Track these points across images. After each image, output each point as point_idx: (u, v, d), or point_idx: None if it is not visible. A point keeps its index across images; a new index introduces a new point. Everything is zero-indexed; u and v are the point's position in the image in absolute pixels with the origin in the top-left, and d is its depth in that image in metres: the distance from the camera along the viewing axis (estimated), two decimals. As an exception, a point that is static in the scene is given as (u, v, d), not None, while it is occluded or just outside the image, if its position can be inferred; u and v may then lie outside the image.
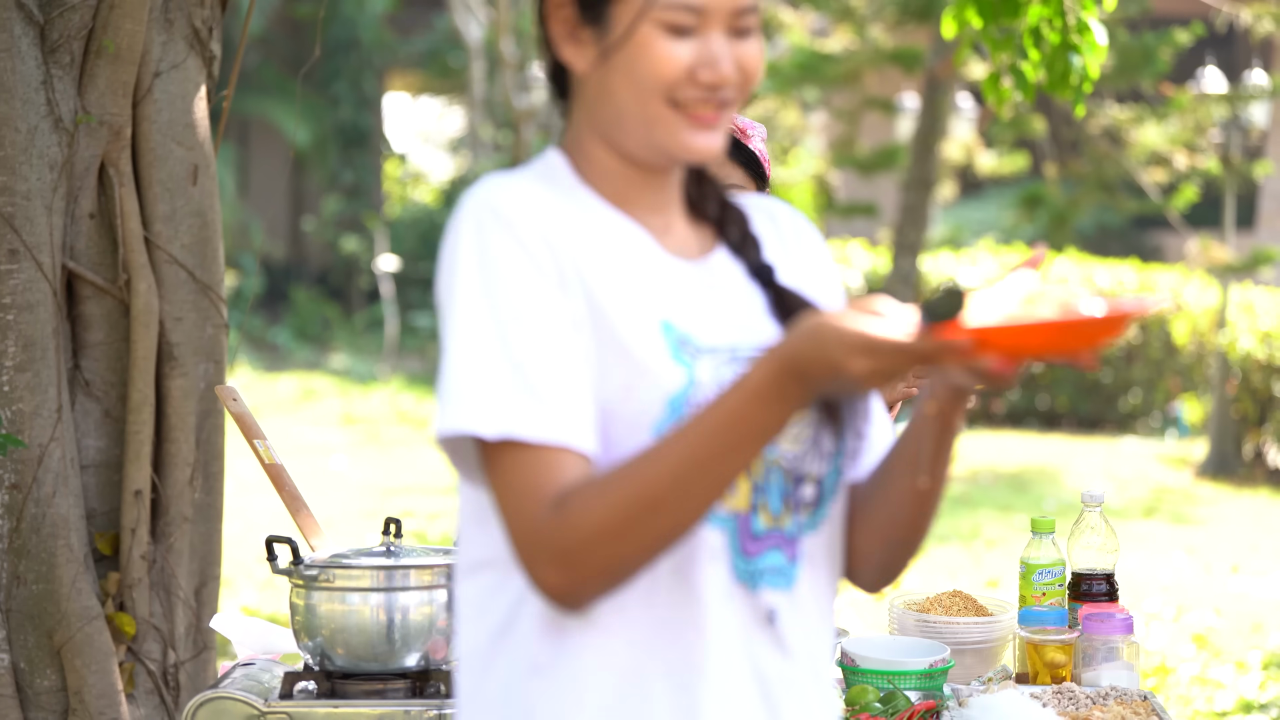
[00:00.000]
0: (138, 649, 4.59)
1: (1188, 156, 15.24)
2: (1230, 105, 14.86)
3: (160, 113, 4.56)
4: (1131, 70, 14.58)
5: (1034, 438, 16.47)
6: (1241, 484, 13.83)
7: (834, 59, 16.15)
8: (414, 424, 16.67)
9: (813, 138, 24.66)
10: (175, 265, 4.59)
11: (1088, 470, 14.36)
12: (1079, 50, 5.48)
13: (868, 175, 17.10)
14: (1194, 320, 16.92)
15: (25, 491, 4.36)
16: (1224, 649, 8.16)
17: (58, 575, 4.39)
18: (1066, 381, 17.08)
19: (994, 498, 12.87)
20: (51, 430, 4.38)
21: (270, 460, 3.43)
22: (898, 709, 3.11)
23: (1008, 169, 18.37)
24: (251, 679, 3.25)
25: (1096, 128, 15.67)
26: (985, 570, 9.98)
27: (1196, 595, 9.49)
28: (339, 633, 3.14)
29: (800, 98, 19.96)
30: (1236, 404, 14.30)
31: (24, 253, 4.35)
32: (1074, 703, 3.21)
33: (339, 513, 11.37)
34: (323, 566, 3.16)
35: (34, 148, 4.35)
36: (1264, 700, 7.14)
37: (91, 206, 4.50)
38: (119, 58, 4.41)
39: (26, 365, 4.36)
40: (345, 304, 24.81)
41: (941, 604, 3.57)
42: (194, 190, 4.62)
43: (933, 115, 14.54)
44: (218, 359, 4.68)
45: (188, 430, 4.61)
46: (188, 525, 4.64)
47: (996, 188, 23.38)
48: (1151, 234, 22.92)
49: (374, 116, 26.21)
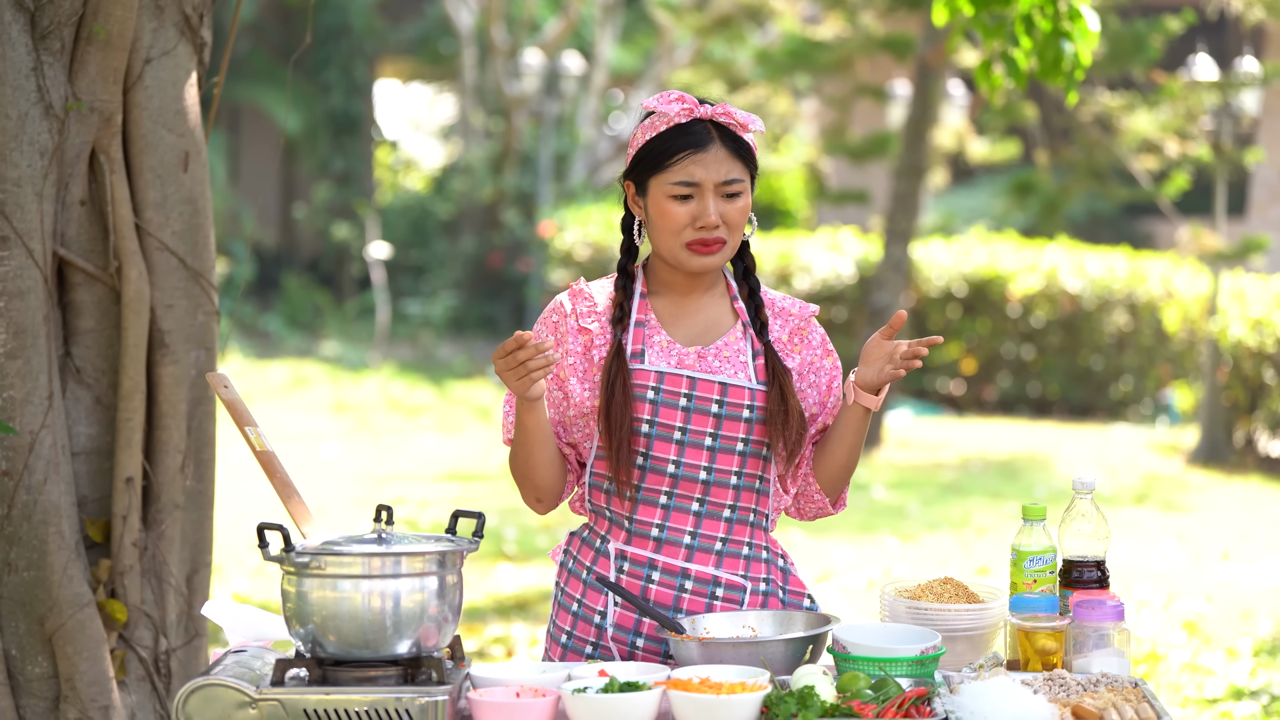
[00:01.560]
0: (129, 636, 4.59)
1: (1179, 144, 15.24)
2: (1221, 92, 14.86)
3: (151, 99, 4.56)
4: (1123, 57, 14.57)
5: (1025, 425, 16.49)
6: (1232, 471, 13.85)
7: (825, 46, 16.13)
8: (405, 411, 16.66)
9: (804, 125, 24.65)
10: (166, 252, 4.58)
11: (1079, 457, 14.37)
12: (1071, 37, 5.49)
13: (859, 162, 17.09)
14: (1185, 307, 16.93)
15: (16, 479, 4.36)
16: (1214, 636, 8.17)
17: (49, 562, 4.39)
18: (1057, 369, 17.10)
19: (985, 485, 12.89)
20: (42, 417, 4.38)
21: (261, 447, 3.42)
22: (889, 696, 3.12)
23: (999, 156, 18.38)
24: (243, 666, 3.25)
25: (1088, 115, 15.67)
26: (976, 557, 10.00)
27: (1187, 582, 9.50)
28: (330, 620, 3.14)
29: (792, 85, 19.96)
30: (1227, 391, 14.32)
31: (14, 239, 4.34)
32: (1065, 689, 3.22)
33: (330, 500, 11.37)
34: (314, 554, 3.16)
35: (24, 134, 4.35)
36: (1254, 687, 7.15)
37: (82, 193, 4.49)
38: (110, 44, 4.41)
39: (17, 352, 4.36)
40: (336, 291, 24.79)
41: (933, 591, 3.57)
42: (185, 177, 4.62)
43: (924, 102, 14.54)
44: (209, 346, 4.68)
45: (179, 417, 4.61)
46: (179, 512, 4.64)
47: (988, 175, 23.38)
48: (1143, 221, 22.94)
49: (365, 103, 26.18)
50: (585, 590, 3.65)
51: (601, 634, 3.62)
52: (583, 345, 3.65)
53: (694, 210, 3.57)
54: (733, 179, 3.58)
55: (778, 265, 17.59)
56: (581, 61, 24.39)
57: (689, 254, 3.59)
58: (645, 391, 3.58)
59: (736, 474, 3.61)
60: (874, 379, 3.58)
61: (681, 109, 3.61)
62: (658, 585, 3.58)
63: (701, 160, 3.57)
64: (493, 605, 8.67)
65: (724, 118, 3.61)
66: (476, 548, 3.28)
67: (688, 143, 3.58)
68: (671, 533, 3.60)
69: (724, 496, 3.61)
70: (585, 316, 3.66)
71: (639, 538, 3.60)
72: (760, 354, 3.64)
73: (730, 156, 3.60)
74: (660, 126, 3.61)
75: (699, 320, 3.68)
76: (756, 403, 3.61)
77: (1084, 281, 17.08)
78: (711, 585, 3.60)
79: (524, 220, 23.27)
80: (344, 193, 25.19)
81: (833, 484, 3.74)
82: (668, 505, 3.60)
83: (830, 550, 10.21)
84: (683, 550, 3.60)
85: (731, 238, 3.60)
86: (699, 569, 3.60)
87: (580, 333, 3.65)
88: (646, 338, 3.64)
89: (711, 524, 3.61)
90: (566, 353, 3.65)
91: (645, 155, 3.61)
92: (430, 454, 14.03)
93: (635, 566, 3.60)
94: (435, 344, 21.66)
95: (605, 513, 3.65)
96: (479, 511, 3.38)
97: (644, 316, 3.66)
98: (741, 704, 3.05)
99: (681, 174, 3.57)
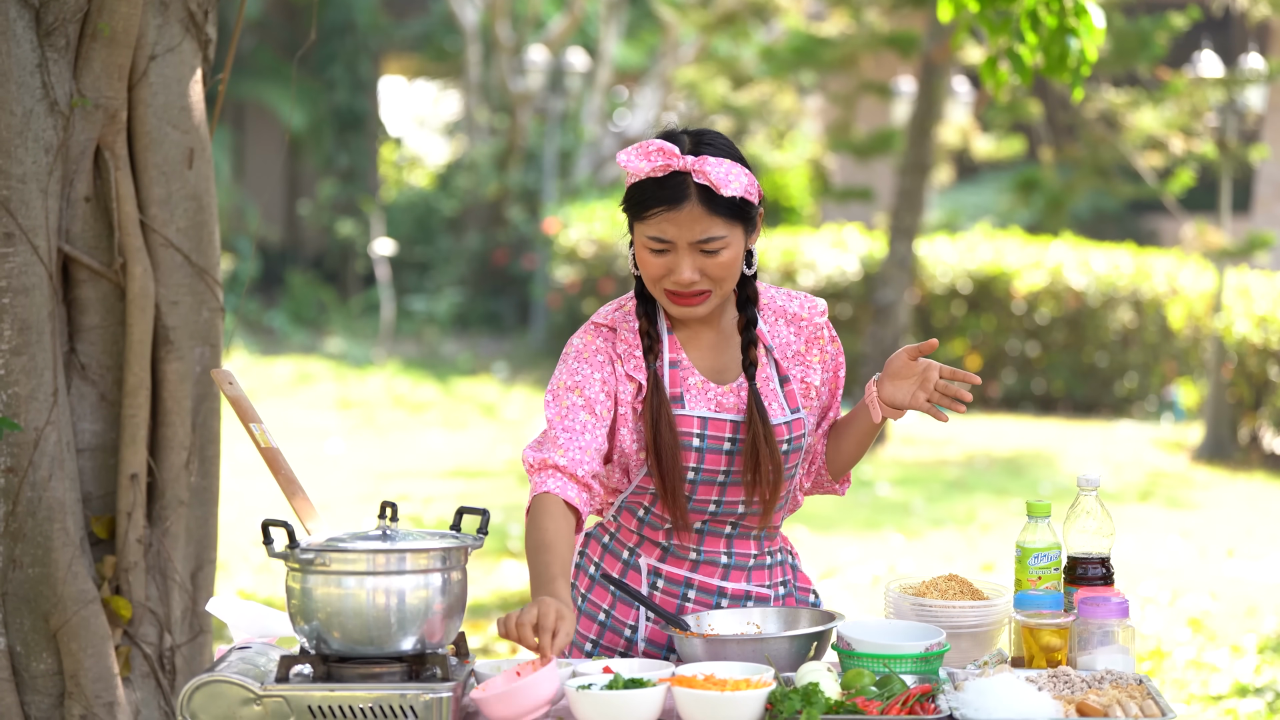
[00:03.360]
0: (134, 632, 4.60)
1: (1184, 141, 15.23)
2: (1226, 89, 14.84)
3: (156, 96, 4.56)
4: (1128, 54, 14.55)
5: (1030, 422, 16.47)
6: (1237, 468, 13.84)
7: (830, 43, 16.12)
8: (410, 408, 16.66)
9: (809, 122, 24.64)
10: (171, 249, 4.59)
11: (1083, 454, 14.36)
12: (1076, 33, 5.48)
13: (864, 159, 17.07)
14: (1190, 304, 16.92)
15: (21, 475, 4.36)
16: (1219, 633, 8.17)
17: (54, 559, 4.39)
18: (1062, 365, 17.08)
19: (990, 482, 12.88)
20: (47, 414, 4.38)
21: (266, 444, 3.42)
22: (893, 693, 3.12)
23: (1004, 153, 18.35)
24: (247, 662, 3.25)
25: (1092, 112, 15.65)
26: (981, 554, 9.99)
27: (1192, 579, 9.50)
28: (335, 616, 3.14)
29: (796, 82, 19.94)
30: (1232, 388, 14.30)
31: (19, 236, 4.35)
32: (1069, 686, 3.22)
33: (335, 496, 11.37)
34: (319, 550, 3.16)
35: (29, 131, 4.35)
36: (1259, 684, 7.14)
37: (87, 190, 4.49)
38: (114, 41, 4.41)
39: (22, 349, 4.36)
40: (341, 288, 24.79)
41: (937, 588, 3.57)
42: (189, 174, 4.62)
43: (929, 99, 14.53)
44: (214, 343, 4.68)
45: (184, 414, 4.62)
46: (184, 509, 4.64)
47: (992, 172, 23.36)
48: (1147, 218, 22.92)
49: (370, 100, 26.17)
50: (592, 586, 3.65)
51: (603, 631, 3.62)
52: (631, 393, 3.53)
53: (669, 264, 3.42)
54: (711, 237, 3.39)
55: (782, 262, 17.58)
56: (586, 58, 24.38)
57: (668, 302, 3.48)
58: (690, 440, 3.50)
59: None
60: (904, 401, 3.53)
61: (655, 165, 3.40)
62: (693, 604, 3.58)
63: (674, 219, 3.39)
64: (497, 602, 8.68)
65: (699, 177, 3.39)
66: (481, 544, 3.27)
67: (662, 198, 3.40)
68: (708, 555, 3.59)
69: (755, 521, 3.60)
70: (627, 362, 3.52)
71: (675, 558, 3.59)
72: (788, 380, 3.59)
73: (708, 214, 3.39)
74: (637, 174, 3.43)
75: (726, 355, 3.59)
76: (793, 434, 3.57)
77: (1089, 278, 17.06)
78: (745, 600, 3.61)
79: (529, 217, 23.26)
80: (349, 189, 25.18)
81: (840, 471, 3.77)
82: (702, 530, 3.58)
83: (835, 547, 10.21)
84: (719, 570, 3.59)
85: (717, 287, 3.45)
86: (734, 586, 3.60)
87: (628, 380, 3.53)
88: (683, 380, 3.54)
89: (743, 544, 3.62)
90: (619, 402, 3.51)
91: (628, 198, 3.47)
92: (435, 450, 14.02)
93: (670, 584, 3.59)
94: (440, 340, 21.65)
95: (636, 531, 3.62)
96: (483, 508, 3.38)
97: (676, 356, 3.55)
98: (746, 701, 3.05)
99: (655, 229, 3.41)
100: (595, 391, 3.48)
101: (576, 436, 3.43)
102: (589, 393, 3.47)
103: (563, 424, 3.45)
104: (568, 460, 3.41)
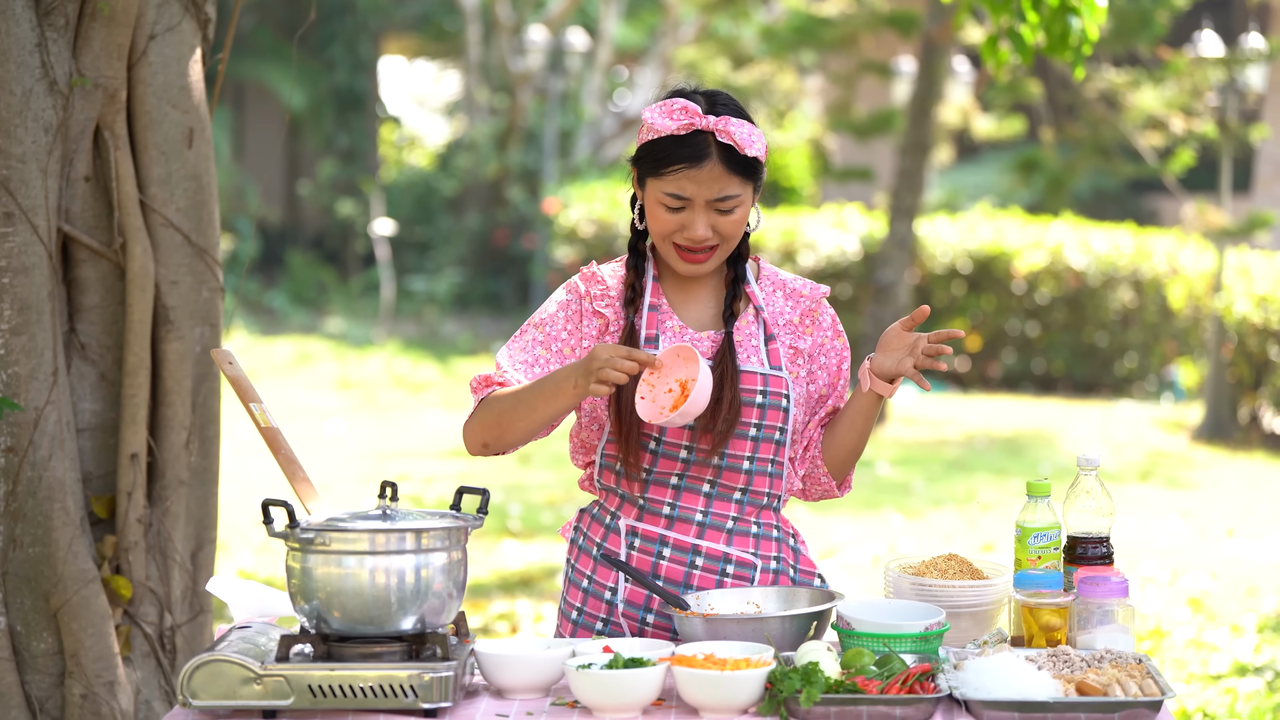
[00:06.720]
0: (134, 612, 4.60)
1: (1184, 120, 15.22)
2: (1227, 69, 14.83)
3: (155, 76, 4.55)
4: (1128, 34, 14.55)
5: (1030, 401, 16.48)
6: (1237, 448, 13.85)
7: (830, 23, 16.11)
8: (410, 388, 16.67)
9: (809, 102, 24.62)
10: (171, 229, 4.58)
11: (1083, 434, 14.37)
12: (1078, 12, 5.47)
13: (864, 139, 17.07)
14: (1190, 284, 16.92)
15: (21, 455, 4.37)
16: (1219, 612, 8.18)
17: (54, 538, 4.40)
18: (1063, 345, 17.09)
19: (989, 461, 12.89)
20: (47, 394, 4.38)
21: (266, 424, 3.42)
22: (893, 672, 3.12)
23: (1004, 133, 18.35)
24: (248, 642, 3.25)
25: (1093, 91, 15.64)
26: (981, 534, 10.00)
27: (1191, 559, 9.50)
28: (335, 596, 3.14)
29: (797, 62, 19.94)
30: (1232, 368, 14.31)
31: (19, 216, 4.34)
32: (1069, 666, 3.22)
33: (335, 476, 11.38)
34: (319, 530, 3.16)
35: (29, 111, 4.34)
36: (1259, 663, 7.15)
37: (87, 170, 4.49)
38: (114, 20, 4.40)
39: (22, 329, 4.36)
40: (341, 268, 24.78)
41: (937, 567, 3.57)
42: (189, 153, 4.61)
43: (929, 79, 14.51)
44: (213, 322, 4.68)
45: (184, 394, 4.61)
46: (184, 489, 4.64)
47: (993, 152, 23.35)
48: (1148, 198, 22.90)
49: (369, 80, 26.14)
50: (595, 567, 3.64)
51: (612, 610, 3.62)
52: (597, 330, 3.62)
53: (683, 220, 3.50)
54: (727, 195, 3.50)
55: (782, 242, 17.57)
56: (586, 38, 24.35)
57: (676, 257, 3.56)
58: None
59: (749, 459, 3.59)
60: (892, 369, 3.57)
61: (680, 124, 3.49)
62: (668, 561, 3.58)
63: (695, 176, 3.49)
64: (497, 581, 8.68)
65: (723, 136, 3.49)
66: (481, 524, 3.28)
67: (683, 155, 3.49)
68: (683, 511, 3.59)
69: (736, 480, 3.60)
70: (599, 300, 3.62)
71: (650, 515, 3.60)
72: (773, 339, 3.62)
73: (727, 173, 3.50)
74: (661, 131, 3.53)
75: (712, 305, 3.65)
76: (769, 388, 3.58)
77: (1089, 258, 17.06)
78: (722, 562, 3.59)
79: (529, 197, 23.25)
80: (349, 169, 25.17)
81: (840, 467, 3.73)
82: (679, 486, 3.59)
83: (835, 527, 10.21)
84: (694, 528, 3.59)
85: (724, 244, 3.56)
86: (710, 545, 3.59)
87: (595, 316, 3.62)
88: (660, 322, 3.61)
89: (723, 504, 3.60)
90: (582, 337, 3.62)
91: (644, 155, 3.54)
92: (435, 430, 14.03)
93: (646, 543, 3.59)
94: (440, 320, 21.65)
95: (616, 491, 3.64)
96: (483, 488, 3.38)
97: (657, 300, 3.63)
98: (746, 680, 3.05)
99: (673, 186, 3.49)
100: (558, 330, 3.62)
101: (528, 370, 3.60)
102: (551, 330, 3.62)
103: (521, 356, 3.61)
104: (515, 383, 3.57)
